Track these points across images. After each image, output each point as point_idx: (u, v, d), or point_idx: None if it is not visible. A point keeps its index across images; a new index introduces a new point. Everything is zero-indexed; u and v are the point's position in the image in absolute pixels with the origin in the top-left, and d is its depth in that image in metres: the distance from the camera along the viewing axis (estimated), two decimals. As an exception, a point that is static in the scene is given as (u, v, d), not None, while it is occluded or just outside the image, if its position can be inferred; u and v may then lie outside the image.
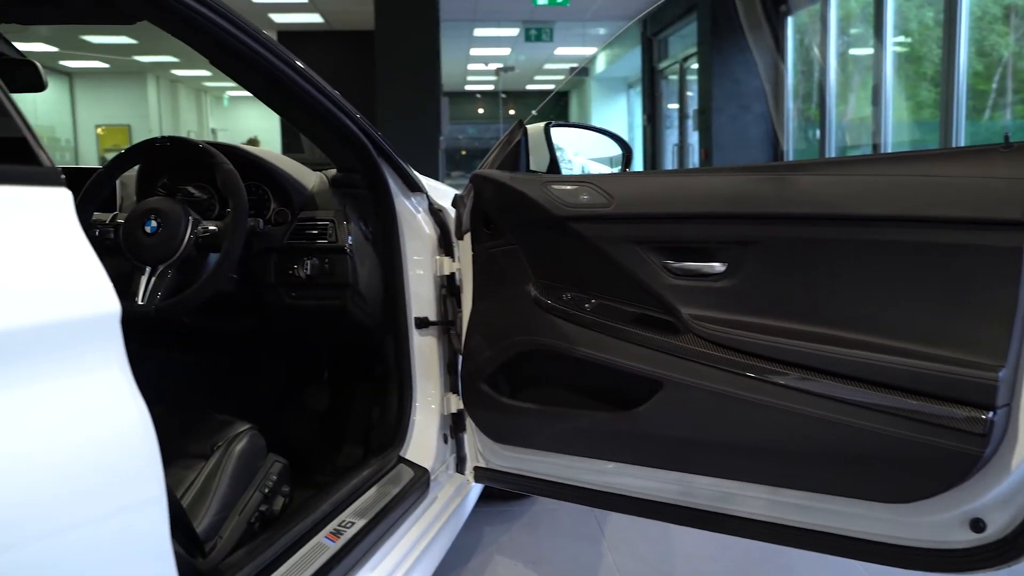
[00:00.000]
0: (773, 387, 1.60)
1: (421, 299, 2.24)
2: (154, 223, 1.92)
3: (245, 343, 2.50)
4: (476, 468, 2.20)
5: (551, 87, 23.58)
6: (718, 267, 1.70)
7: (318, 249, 2.10)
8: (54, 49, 15.42)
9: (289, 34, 13.25)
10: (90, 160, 16.76)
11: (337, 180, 2.18)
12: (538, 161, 2.06)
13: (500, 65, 19.03)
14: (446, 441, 2.30)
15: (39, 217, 0.93)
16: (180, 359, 2.50)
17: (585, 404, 1.93)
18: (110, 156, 2.13)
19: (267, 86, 1.84)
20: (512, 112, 23.00)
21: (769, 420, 1.61)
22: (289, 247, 2.12)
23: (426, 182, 2.33)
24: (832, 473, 1.59)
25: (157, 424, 1.95)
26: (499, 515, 2.87)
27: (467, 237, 2.10)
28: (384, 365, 2.30)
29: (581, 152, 2.53)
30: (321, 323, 2.25)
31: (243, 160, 2.16)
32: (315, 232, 2.11)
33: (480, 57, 18.08)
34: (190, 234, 1.92)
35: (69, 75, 18.05)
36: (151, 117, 18.44)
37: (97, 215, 2.03)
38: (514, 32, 14.77)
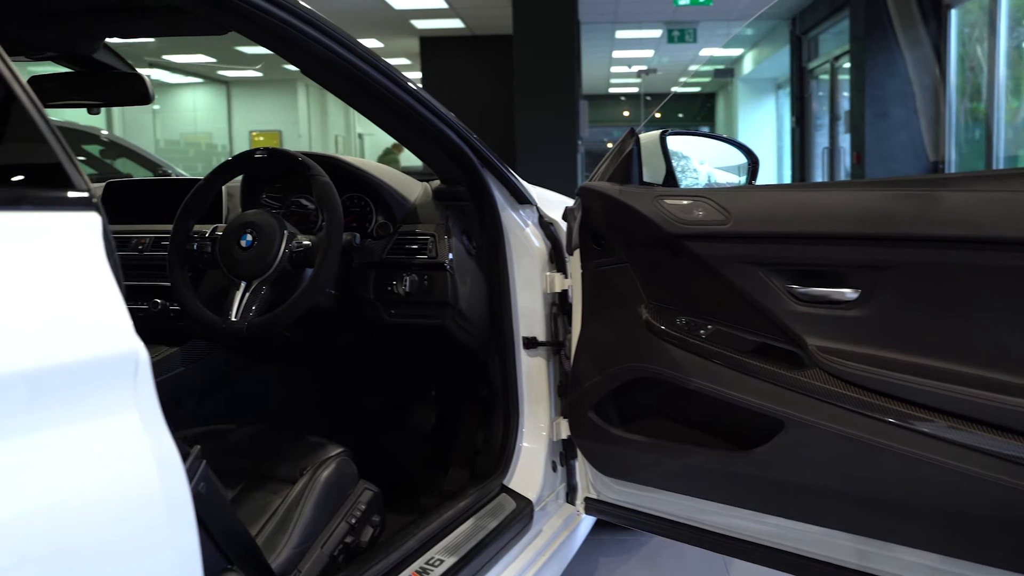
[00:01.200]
0: (919, 436, 1.39)
1: (529, 318, 2.12)
2: (249, 237, 1.86)
3: (351, 358, 2.43)
4: (587, 499, 2.06)
5: (696, 89, 23.09)
6: (850, 294, 1.49)
7: (417, 265, 2.00)
8: (213, 60, 16.17)
9: (431, 40, 13.42)
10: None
11: (440, 192, 2.08)
12: (653, 172, 1.89)
13: (643, 67, 18.74)
14: (555, 469, 2.16)
15: (58, 246, 0.85)
16: (285, 373, 2.46)
17: (700, 440, 1.75)
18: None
19: (360, 94, 1.76)
20: (658, 116, 22.64)
21: (918, 475, 1.39)
22: (388, 262, 2.03)
23: (536, 193, 2.21)
24: (1006, 545, 1.36)
25: (250, 444, 1.91)
26: (616, 545, 2.71)
27: (577, 253, 1.96)
28: (489, 387, 2.18)
29: (707, 161, 2.34)
30: (422, 342, 2.16)
31: (344, 172, 2.09)
32: (415, 247, 2.02)
33: (623, 59, 17.85)
34: (285, 248, 1.85)
35: (227, 84, 18.90)
36: (300, 123, 19.09)
37: (199, 227, 1.99)
38: (657, 33, 14.48)
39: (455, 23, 12.44)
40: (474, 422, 2.33)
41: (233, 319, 1.81)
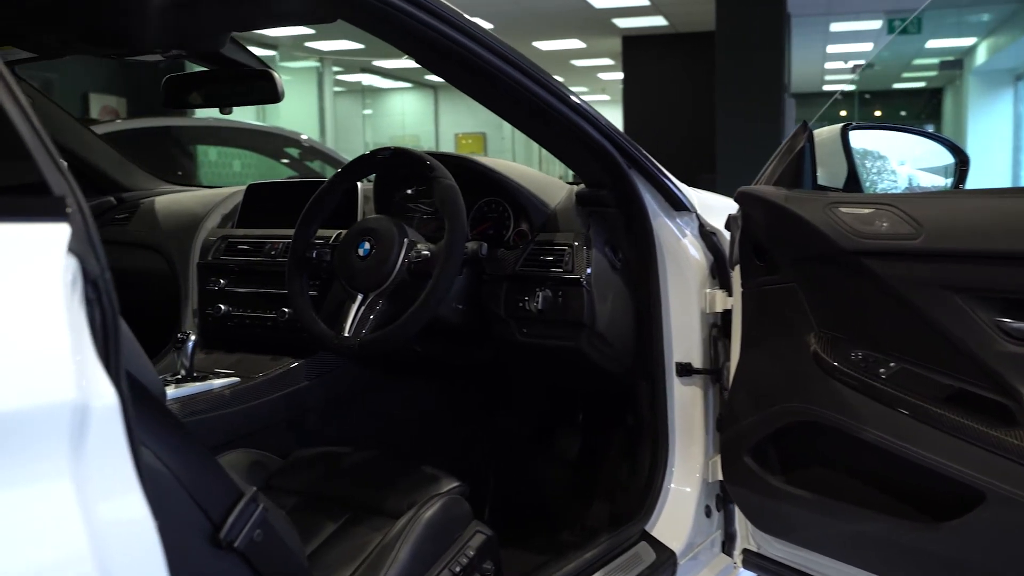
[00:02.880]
0: None
1: (685, 341, 1.85)
2: (367, 245, 1.71)
3: (492, 376, 2.24)
4: (746, 551, 1.78)
5: (920, 84, 21.45)
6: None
7: (552, 279, 1.78)
8: (410, 64, 16.62)
9: (634, 39, 13.12)
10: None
11: (583, 196, 1.85)
12: (831, 174, 1.58)
13: (860, 62, 17.57)
14: (709, 514, 1.88)
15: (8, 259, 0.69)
16: (418, 391, 2.30)
17: (876, 502, 1.43)
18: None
19: (486, 87, 1.57)
20: (878, 114, 21.25)
21: None
22: (521, 275, 1.82)
23: (698, 198, 1.93)
24: None
25: (364, 470, 1.76)
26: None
27: (738, 269, 1.68)
28: (637, 416, 1.93)
29: (909, 161, 1.98)
30: (557, 365, 1.94)
31: (479, 174, 1.90)
32: (550, 259, 1.79)
33: (838, 54, 16.81)
34: (403, 258, 1.68)
35: (434, 88, 19.41)
36: (505, 125, 19.19)
37: (323, 232, 1.86)
38: (876, 25, 13.49)
39: (658, 20, 12.10)
40: (620, 454, 2.08)
41: (346, 334, 1.66)
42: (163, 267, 2.29)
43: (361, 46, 13.39)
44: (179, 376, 1.90)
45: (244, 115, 13.14)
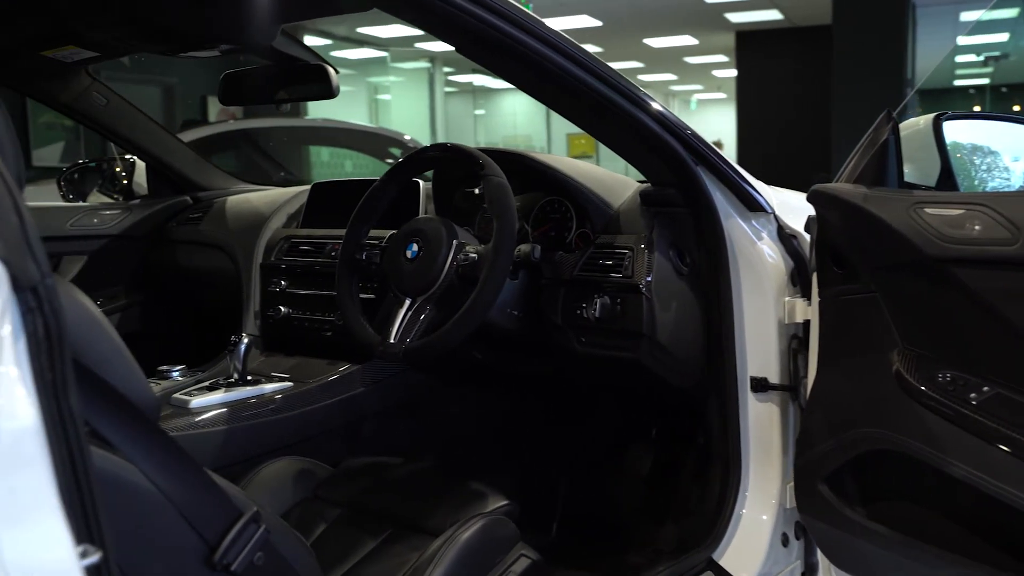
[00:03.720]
0: None
1: (760, 354, 1.69)
2: (415, 247, 1.62)
3: (561, 386, 2.13)
4: (827, 586, 1.61)
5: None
6: None
7: (611, 285, 1.65)
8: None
9: (747, 34, 12.73)
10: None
11: (647, 195, 1.71)
12: (921, 170, 1.40)
13: (995, 54, 16.61)
14: (787, 543, 1.72)
15: None
16: (483, 399, 2.20)
17: (969, 548, 1.26)
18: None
19: (535, 80, 1.46)
20: (1016, 109, 20.06)
21: None
22: (579, 280, 1.69)
23: (777, 197, 1.77)
24: None
25: (412, 482, 1.67)
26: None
27: (815, 276, 1.52)
28: (707, 435, 1.79)
29: (1024, 156, 1.77)
30: (618, 378, 1.81)
31: (538, 173, 1.79)
32: (609, 263, 1.66)
33: (970, 46, 15.93)
34: (452, 261, 1.58)
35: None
36: (616, 124, 19.04)
37: (376, 232, 1.78)
38: (1012, 12, 12.71)
39: (772, 14, 11.70)
40: (691, 474, 1.93)
41: (391, 340, 1.58)
42: (230, 267, 2.26)
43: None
44: (231, 380, 1.85)
45: (355, 116, 13.38)
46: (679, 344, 1.65)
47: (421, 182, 2.04)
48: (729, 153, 14.08)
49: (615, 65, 1.47)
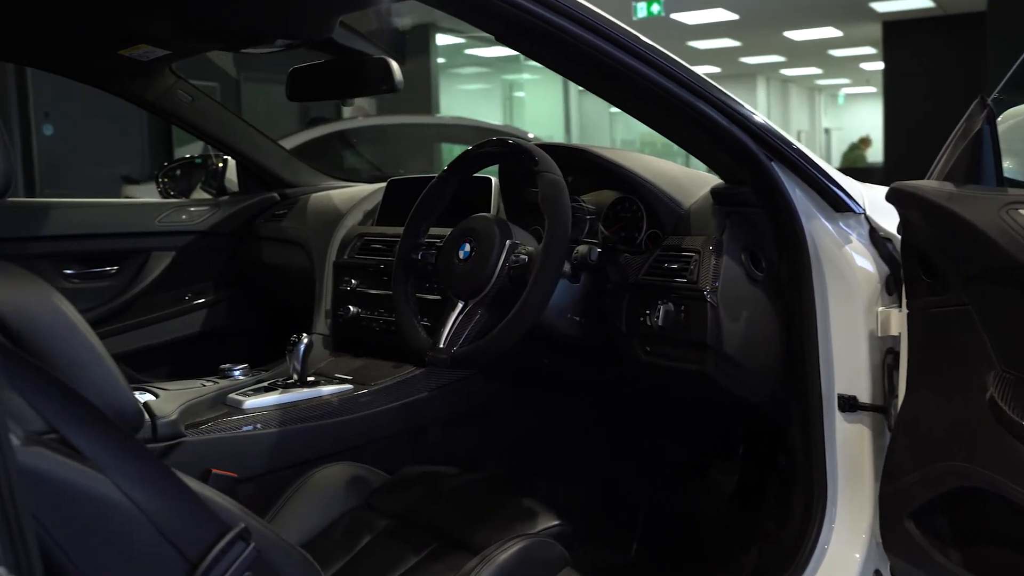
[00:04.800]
0: None
1: (848, 369, 1.52)
2: (468, 247, 1.53)
3: (638, 397, 1.99)
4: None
5: None
6: None
7: (675, 290, 1.51)
8: (668, 58, 16.19)
9: (895, 24, 12.04)
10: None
11: (719, 193, 1.56)
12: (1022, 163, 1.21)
13: None
14: (878, 581, 1.54)
15: None
16: (556, 407, 2.09)
17: None
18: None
19: (581, 70, 1.35)
20: None
21: None
22: (644, 285, 1.56)
23: (870, 195, 1.58)
24: None
25: (463, 495, 1.58)
26: None
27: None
28: (789, 457, 1.62)
29: None
30: (684, 391, 1.67)
31: (604, 170, 1.67)
32: (675, 267, 1.53)
33: None
34: (503, 262, 1.48)
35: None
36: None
37: (436, 230, 1.70)
38: None
39: (922, 2, 11.03)
40: (775, 498, 1.77)
41: (441, 345, 1.50)
42: (307, 264, 2.24)
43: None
44: (291, 380, 1.81)
45: (489, 114, 13.44)
46: (750, 356, 1.50)
47: (494, 179, 1.95)
48: (876, 150, 13.39)
49: (754, 60, 1.34)
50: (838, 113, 23.77)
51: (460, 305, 1.52)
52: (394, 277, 1.66)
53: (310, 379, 1.84)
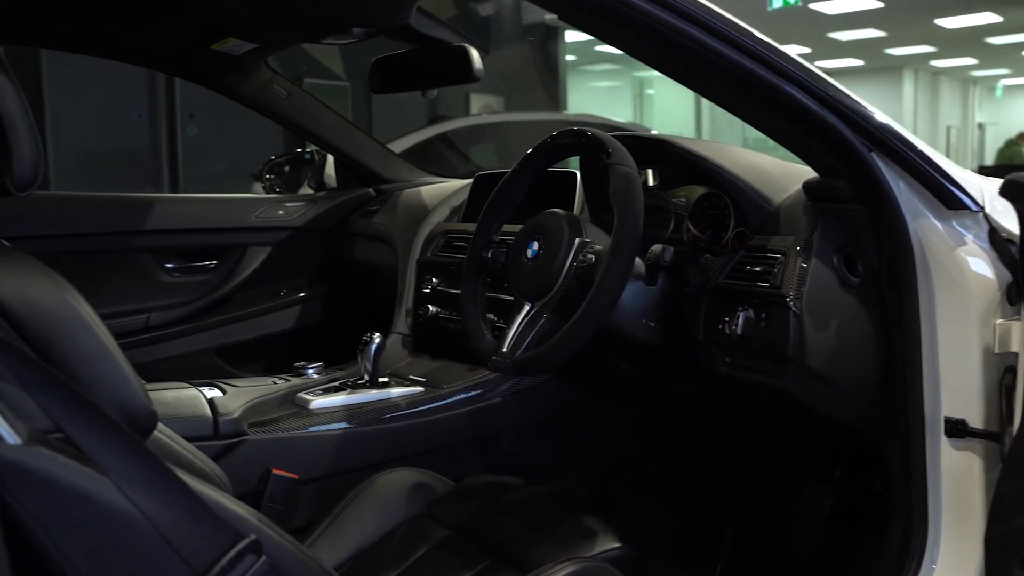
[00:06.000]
0: None
1: (959, 389, 1.35)
2: (536, 246, 1.44)
3: (727, 408, 1.85)
4: None
5: None
6: None
7: (757, 296, 1.37)
8: (807, 50, 15.59)
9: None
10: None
11: (811, 188, 1.41)
12: None
13: None
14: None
15: None
16: (640, 417, 1.96)
17: None
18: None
19: (654, 52, 1.23)
20: None
21: None
22: (723, 289, 1.43)
23: (991, 190, 1.40)
24: None
25: (525, 509, 1.49)
26: None
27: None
28: (887, 484, 1.46)
29: None
30: (768, 407, 1.52)
31: (688, 161, 1.54)
32: (757, 269, 1.38)
33: None
34: (571, 262, 1.38)
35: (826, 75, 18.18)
36: (905, 114, 17.48)
37: (508, 227, 1.61)
38: None
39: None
40: (872, 527, 1.60)
41: (504, 350, 1.41)
42: (394, 262, 2.19)
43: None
44: (360, 381, 1.77)
45: (619, 111, 13.26)
46: (841, 371, 1.35)
47: (579, 172, 1.85)
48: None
49: (901, 51, 1.20)
50: (995, 106, 22.33)
51: (527, 307, 1.43)
52: (464, 276, 1.58)
53: (382, 380, 1.79)
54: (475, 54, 1.71)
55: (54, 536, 0.77)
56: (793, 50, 1.22)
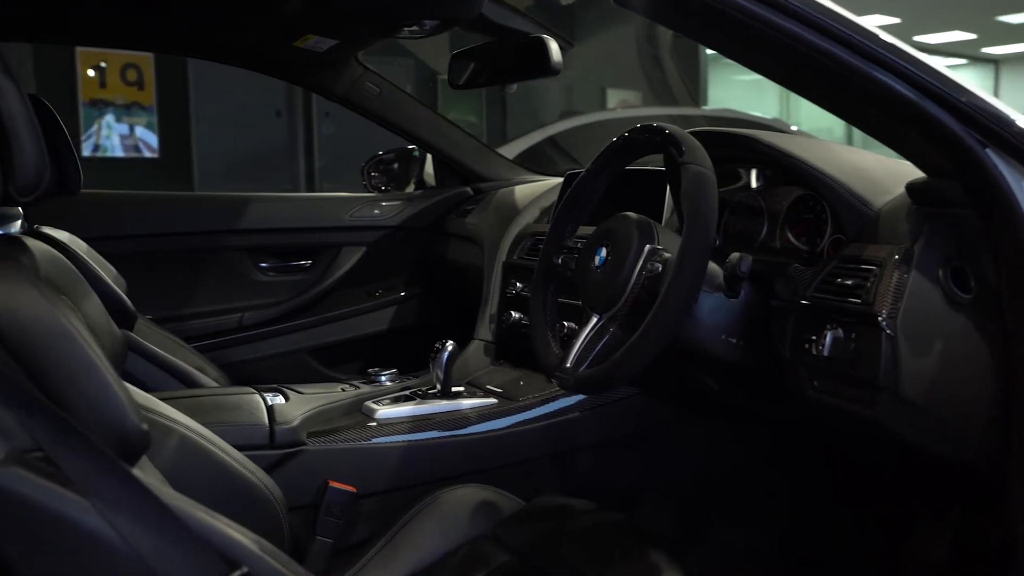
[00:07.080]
0: None
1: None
2: (604, 252, 1.31)
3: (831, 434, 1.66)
4: None
5: None
6: None
7: (847, 313, 1.20)
8: (973, 36, 14.60)
9: None
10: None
11: (915, 190, 1.23)
12: None
13: None
14: None
15: None
16: (730, 439, 1.80)
17: None
18: None
19: (730, 42, 1.10)
20: None
21: None
22: (813, 304, 1.26)
23: None
24: None
25: (594, 534, 1.37)
26: None
27: None
28: (1009, 531, 1.26)
29: None
30: (860, 437, 1.33)
31: (779, 162, 1.38)
32: (849, 283, 1.21)
33: None
34: (640, 271, 1.25)
35: (995, 63, 17.00)
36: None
37: (584, 230, 1.49)
38: None
39: None
40: (994, 571, 1.39)
41: (568, 364, 1.30)
42: (482, 264, 2.11)
43: (890, 19, 12.10)
44: (432, 390, 1.68)
45: (764, 106, 12.78)
46: (945, 402, 1.16)
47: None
48: None
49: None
50: None
51: (594, 319, 1.31)
52: (534, 282, 1.48)
53: (456, 390, 1.70)
54: (554, 46, 1.59)
55: (29, 559, 0.73)
56: (957, 36, 1.06)
